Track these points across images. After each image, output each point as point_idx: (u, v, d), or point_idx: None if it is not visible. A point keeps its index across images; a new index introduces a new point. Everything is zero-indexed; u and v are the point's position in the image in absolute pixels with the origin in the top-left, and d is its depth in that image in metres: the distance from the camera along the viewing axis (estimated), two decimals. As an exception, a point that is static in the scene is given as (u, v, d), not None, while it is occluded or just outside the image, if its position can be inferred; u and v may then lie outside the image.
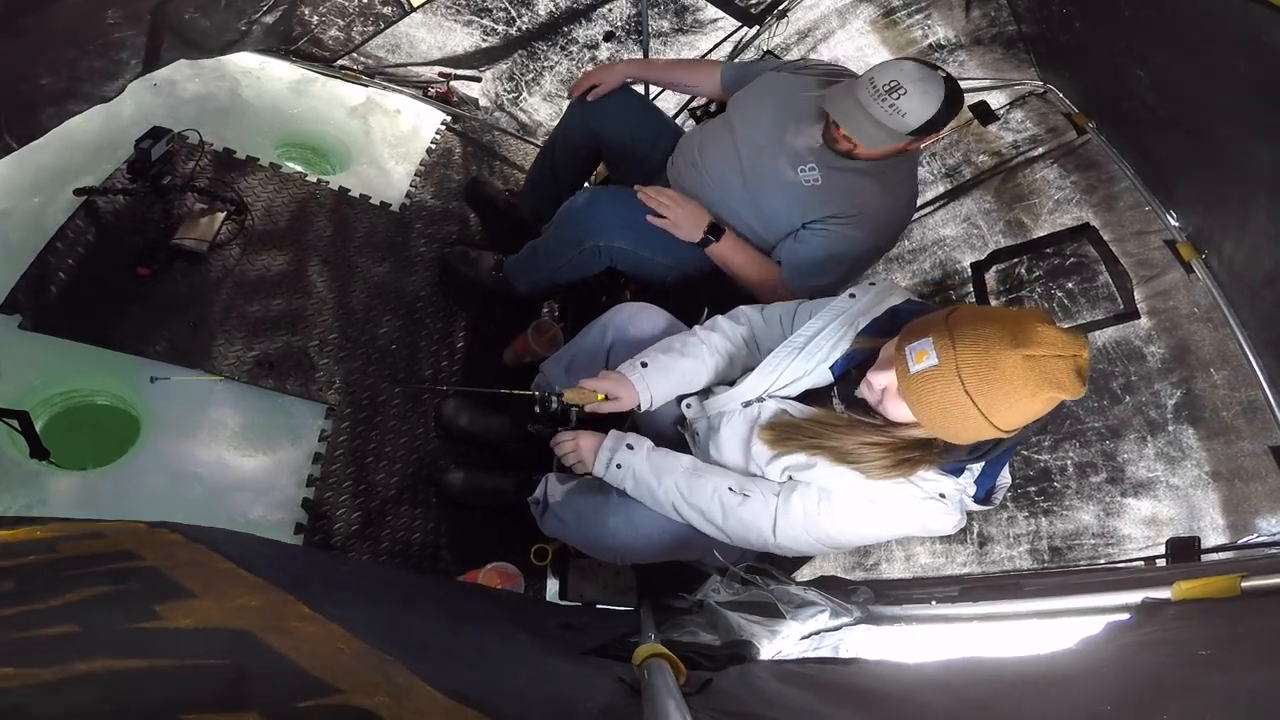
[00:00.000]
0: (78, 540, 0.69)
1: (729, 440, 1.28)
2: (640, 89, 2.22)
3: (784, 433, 1.19)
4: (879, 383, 1.06)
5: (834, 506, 1.16)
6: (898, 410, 1.05)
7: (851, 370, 1.19)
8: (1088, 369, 0.94)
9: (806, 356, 1.20)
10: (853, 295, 1.24)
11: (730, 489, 1.23)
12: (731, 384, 1.34)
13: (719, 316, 1.42)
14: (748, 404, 1.27)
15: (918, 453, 1.08)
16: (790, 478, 1.21)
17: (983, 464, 1.11)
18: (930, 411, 0.99)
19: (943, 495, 1.10)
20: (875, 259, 1.74)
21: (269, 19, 1.51)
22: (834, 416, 1.16)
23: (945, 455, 1.08)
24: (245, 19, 1.46)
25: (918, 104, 1.41)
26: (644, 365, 1.32)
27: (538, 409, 1.29)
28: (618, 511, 1.36)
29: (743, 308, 1.43)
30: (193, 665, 0.47)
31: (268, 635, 0.52)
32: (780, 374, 1.22)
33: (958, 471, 1.10)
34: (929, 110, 1.42)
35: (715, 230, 1.66)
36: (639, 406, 1.33)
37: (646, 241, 1.70)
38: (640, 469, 1.28)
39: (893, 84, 1.41)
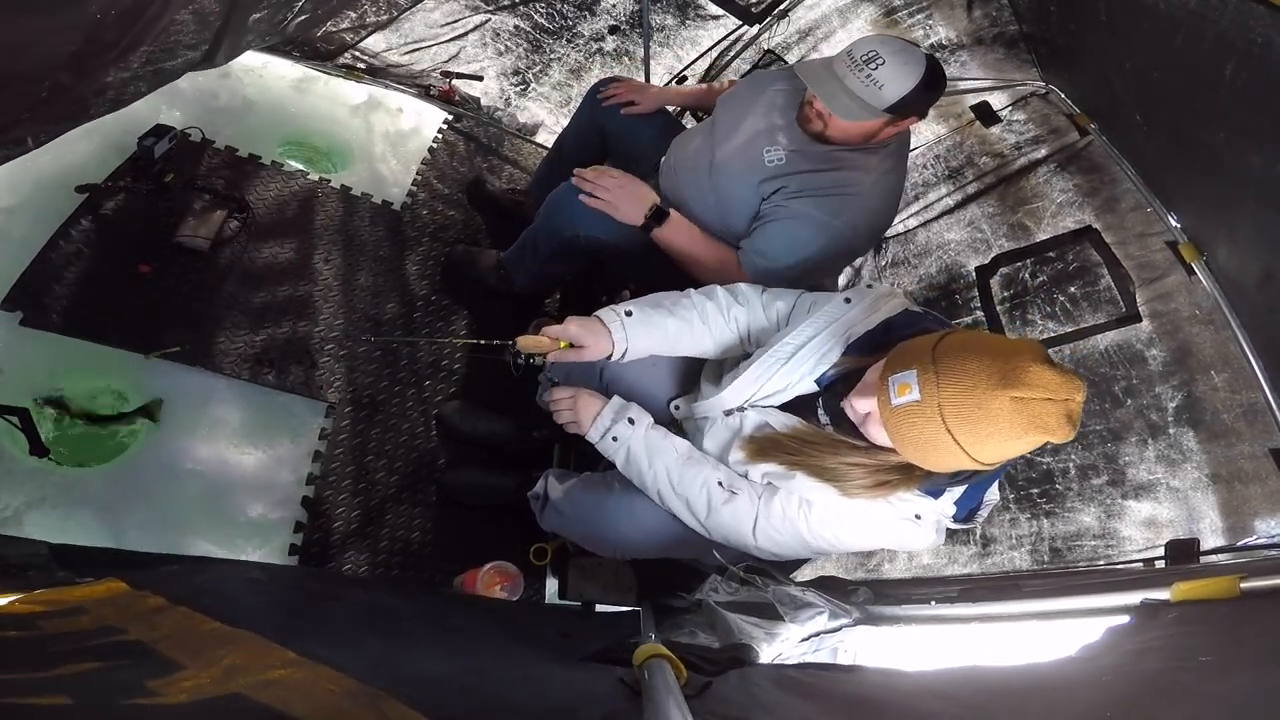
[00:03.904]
0: (60, 618, 0.69)
1: (710, 448, 1.26)
2: (642, 79, 2.22)
3: (765, 446, 1.16)
4: (862, 408, 1.03)
5: (813, 515, 1.15)
6: (880, 435, 1.01)
7: (838, 383, 1.14)
8: (1080, 413, 0.89)
9: (792, 368, 1.16)
10: (848, 300, 1.19)
11: (719, 484, 1.21)
12: (716, 383, 1.31)
13: (717, 286, 1.34)
14: (729, 413, 1.23)
15: (898, 476, 1.05)
16: (770, 483, 1.19)
17: (965, 486, 1.09)
18: (909, 445, 0.97)
19: (918, 516, 1.09)
20: (842, 250, 1.59)
21: (301, 19, 1.49)
22: (817, 434, 1.12)
23: (926, 479, 1.06)
24: (284, 20, 1.44)
25: (895, 75, 1.35)
26: (628, 314, 1.25)
27: (513, 368, 1.23)
28: (619, 505, 1.35)
29: (743, 286, 1.35)
30: None
31: (257, 693, 0.53)
32: (764, 384, 1.18)
33: (937, 494, 1.08)
34: (907, 84, 1.36)
35: (659, 215, 1.57)
36: (610, 357, 1.25)
37: (628, 234, 1.68)
38: (636, 446, 1.25)
39: (871, 54, 1.36)
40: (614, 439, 1.26)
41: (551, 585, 1.75)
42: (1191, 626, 0.75)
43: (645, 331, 1.25)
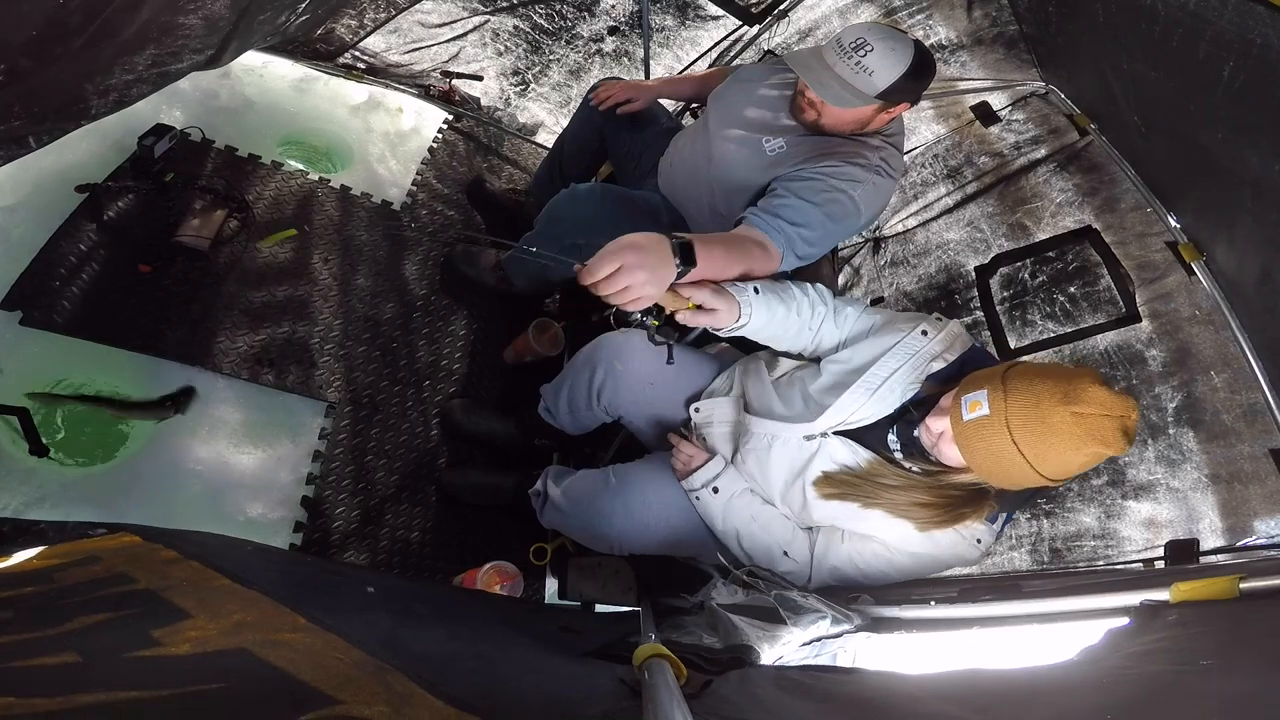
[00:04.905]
0: (74, 568, 0.70)
1: (779, 466, 1.28)
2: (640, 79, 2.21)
3: (841, 488, 1.21)
4: (936, 428, 1.11)
5: (868, 557, 1.22)
6: (952, 453, 1.09)
7: (910, 408, 1.20)
8: (1135, 429, 0.99)
9: (879, 398, 1.21)
10: (925, 333, 1.24)
11: (784, 553, 1.29)
12: (762, 395, 1.34)
13: (806, 283, 1.34)
14: (810, 437, 1.26)
15: (971, 507, 1.13)
16: (829, 523, 1.25)
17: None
18: (979, 458, 1.04)
19: (979, 541, 1.17)
20: (849, 226, 1.48)
21: (302, 19, 1.49)
22: (893, 473, 1.18)
23: (995, 507, 1.14)
24: (287, 21, 1.43)
25: (885, 62, 1.36)
26: (755, 290, 1.25)
27: (642, 318, 1.19)
28: (615, 499, 1.38)
29: (821, 286, 1.35)
30: (193, 692, 0.47)
31: (264, 651, 0.53)
32: (852, 413, 1.22)
33: (993, 519, 1.17)
34: (896, 70, 1.37)
35: (685, 252, 1.16)
36: (722, 328, 1.24)
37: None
38: (714, 509, 1.34)
39: (859, 41, 1.37)
40: (696, 498, 1.35)
41: (551, 585, 1.75)
42: (1192, 628, 0.75)
43: (765, 309, 1.25)
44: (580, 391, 1.51)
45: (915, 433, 1.16)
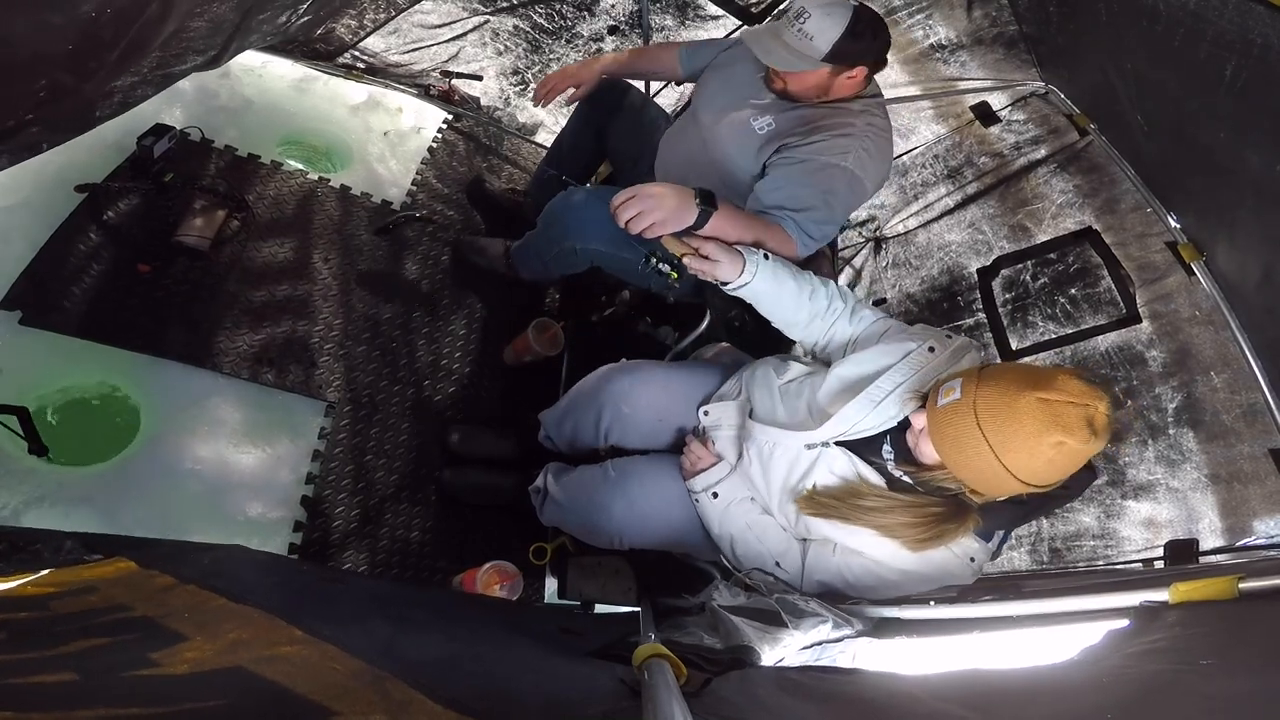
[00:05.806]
0: (70, 597, 0.70)
1: (779, 474, 1.28)
2: (640, 85, 2.22)
3: (821, 508, 1.22)
4: (918, 423, 1.12)
5: (857, 571, 1.21)
6: (928, 450, 1.09)
7: (909, 420, 1.20)
8: (1104, 423, 0.96)
9: (881, 410, 1.21)
10: (932, 349, 1.24)
11: (776, 564, 1.29)
12: (770, 399, 1.34)
13: (834, 283, 1.39)
14: (811, 446, 1.26)
15: (954, 523, 1.11)
16: (822, 536, 1.25)
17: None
18: (946, 445, 1.03)
19: (973, 559, 1.16)
20: (855, 192, 1.55)
21: (303, 20, 1.50)
22: (874, 494, 1.18)
23: (980, 523, 1.13)
24: (288, 21, 1.45)
25: (821, 25, 1.44)
26: (765, 256, 1.32)
27: (658, 265, 1.38)
28: (615, 490, 1.38)
29: (844, 286, 1.39)
30: (190, 709, 0.48)
31: (261, 667, 0.53)
32: (854, 424, 1.23)
33: (988, 536, 1.16)
34: (834, 33, 1.44)
35: (707, 198, 1.37)
36: (725, 282, 1.31)
37: (626, 243, 1.67)
38: (712, 514, 1.35)
39: (799, 10, 1.45)
40: (696, 500, 1.36)
41: (551, 585, 1.75)
42: (1191, 629, 0.75)
43: (771, 275, 1.31)
44: (586, 431, 1.52)
45: (907, 439, 1.16)
